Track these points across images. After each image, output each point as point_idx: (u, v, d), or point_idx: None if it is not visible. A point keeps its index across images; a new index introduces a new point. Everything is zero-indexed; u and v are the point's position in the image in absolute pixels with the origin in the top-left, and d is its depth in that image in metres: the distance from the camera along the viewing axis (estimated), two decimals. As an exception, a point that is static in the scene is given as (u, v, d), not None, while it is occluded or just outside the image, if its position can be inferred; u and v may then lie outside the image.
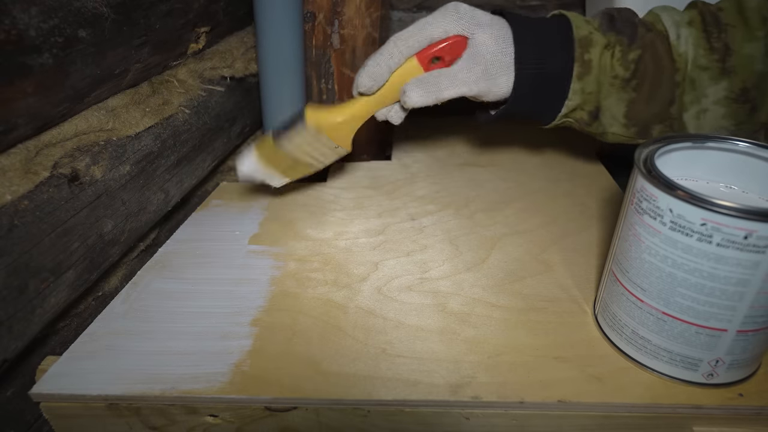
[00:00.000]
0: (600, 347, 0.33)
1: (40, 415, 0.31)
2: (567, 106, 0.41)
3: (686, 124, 0.42)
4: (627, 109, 0.41)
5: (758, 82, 0.39)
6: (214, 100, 0.56)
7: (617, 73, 0.40)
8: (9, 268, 0.30)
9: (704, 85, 0.40)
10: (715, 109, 0.40)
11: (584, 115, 0.42)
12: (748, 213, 0.25)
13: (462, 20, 0.38)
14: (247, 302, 0.37)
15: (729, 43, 0.39)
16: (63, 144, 0.36)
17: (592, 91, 0.40)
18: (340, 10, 0.58)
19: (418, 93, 0.38)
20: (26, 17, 0.30)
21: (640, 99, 0.41)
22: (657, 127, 0.42)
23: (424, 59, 0.36)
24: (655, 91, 0.41)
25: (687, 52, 0.40)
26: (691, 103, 0.41)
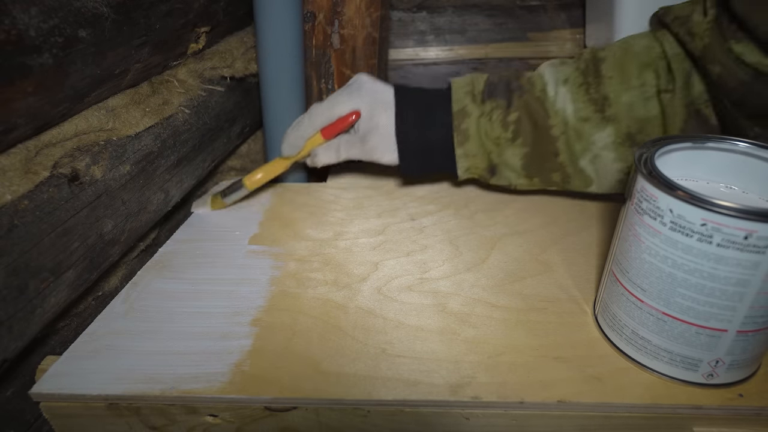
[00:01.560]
0: (600, 347, 0.33)
1: (40, 414, 0.31)
2: (459, 167, 0.47)
3: (584, 170, 0.45)
4: (523, 162, 0.45)
5: (642, 127, 0.42)
6: (214, 100, 0.56)
7: (499, 134, 0.45)
8: (9, 268, 0.30)
9: (589, 133, 0.43)
10: (605, 153, 0.43)
11: (481, 172, 0.47)
12: (748, 213, 0.25)
13: (364, 99, 0.45)
14: (247, 302, 0.37)
15: (607, 93, 0.42)
16: (63, 144, 0.36)
17: (476, 153, 0.45)
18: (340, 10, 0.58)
19: (324, 156, 0.48)
20: (26, 17, 0.30)
21: (530, 153, 0.45)
22: (556, 175, 0.46)
23: (328, 135, 0.47)
24: (539, 147, 0.45)
25: (565, 107, 0.43)
26: (583, 151, 0.44)
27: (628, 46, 0.43)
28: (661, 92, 0.41)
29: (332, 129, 0.46)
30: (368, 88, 0.46)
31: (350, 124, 0.46)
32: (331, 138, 0.47)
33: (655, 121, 0.42)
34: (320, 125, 0.46)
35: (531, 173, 0.46)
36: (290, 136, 0.47)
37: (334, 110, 0.46)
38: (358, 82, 0.47)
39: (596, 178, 0.45)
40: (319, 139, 0.47)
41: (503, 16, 0.83)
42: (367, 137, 0.46)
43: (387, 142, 0.46)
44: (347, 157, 0.48)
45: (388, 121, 0.45)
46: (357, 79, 0.47)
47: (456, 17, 0.83)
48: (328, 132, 0.46)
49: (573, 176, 0.45)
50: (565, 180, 0.46)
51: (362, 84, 0.46)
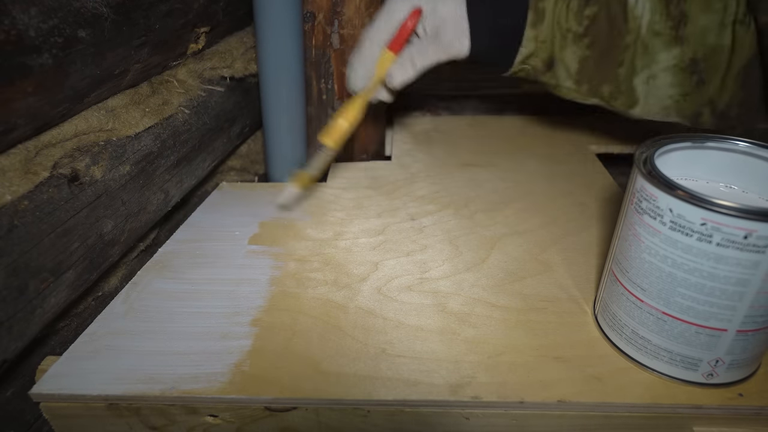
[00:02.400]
0: (600, 347, 0.33)
1: (40, 415, 0.31)
2: (521, 53, 0.43)
3: (635, 89, 0.42)
4: (579, 66, 0.43)
5: (708, 55, 0.40)
6: (214, 100, 0.56)
7: (571, 26, 0.41)
8: (9, 268, 0.30)
9: (656, 50, 0.41)
10: (664, 76, 0.41)
11: (539, 63, 0.44)
12: (748, 213, 0.25)
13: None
14: (247, 302, 0.37)
15: (686, 11, 0.40)
16: (63, 144, 0.36)
17: (545, 39, 0.42)
18: (340, 10, 0.58)
19: (399, 73, 0.43)
20: (26, 17, 0.30)
21: (591, 56, 0.42)
22: (606, 87, 0.43)
23: (397, 47, 0.41)
24: (606, 50, 0.42)
25: (643, 15, 0.40)
26: (642, 67, 0.41)
27: None
28: (737, 23, 0.39)
29: (399, 39, 0.41)
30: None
31: (414, 26, 0.41)
32: (400, 50, 0.42)
33: (724, 52, 0.40)
34: (385, 41, 0.41)
35: (583, 78, 0.43)
36: (357, 66, 0.42)
37: (392, 18, 0.41)
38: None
39: (643, 100, 0.43)
40: (389, 57, 0.42)
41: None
42: (439, 33, 0.42)
43: (460, 33, 0.42)
44: (425, 65, 0.43)
45: (454, 9, 0.41)
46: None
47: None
48: (396, 44, 0.41)
49: (623, 93, 0.43)
50: (613, 95, 0.43)
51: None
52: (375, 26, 0.42)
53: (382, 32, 0.41)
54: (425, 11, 0.41)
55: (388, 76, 0.43)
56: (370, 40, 0.42)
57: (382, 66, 0.42)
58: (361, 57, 0.42)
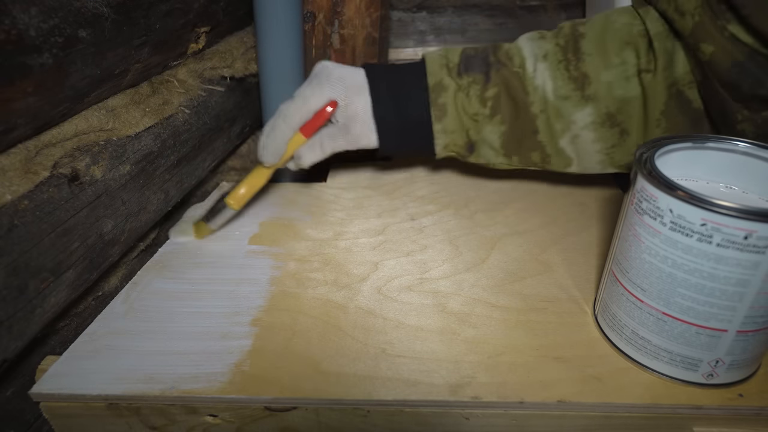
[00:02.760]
0: (600, 347, 0.33)
1: (40, 414, 0.31)
2: (437, 144, 0.45)
3: (563, 150, 0.44)
4: (502, 141, 0.44)
5: (621, 107, 0.41)
6: (214, 100, 0.56)
7: (477, 110, 0.43)
8: (9, 268, 0.30)
9: (569, 112, 0.42)
10: (585, 134, 0.42)
11: (460, 149, 0.46)
12: (748, 213, 0.25)
13: (335, 88, 0.43)
14: (247, 302, 0.37)
15: (587, 71, 0.41)
16: (63, 144, 0.36)
17: (455, 129, 0.44)
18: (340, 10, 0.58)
19: (309, 155, 0.45)
20: (26, 17, 0.30)
21: (508, 131, 0.44)
22: (535, 154, 0.45)
23: (309, 132, 0.44)
24: (517, 123, 0.43)
25: (544, 84, 0.42)
26: (563, 130, 0.43)
27: (609, 23, 0.42)
28: (642, 72, 0.40)
29: (312, 125, 0.43)
30: (336, 75, 0.43)
31: (329, 116, 0.43)
32: (311, 135, 0.44)
33: (635, 102, 0.41)
34: (298, 124, 0.43)
35: (510, 152, 0.45)
36: (269, 143, 0.43)
37: (308, 105, 0.43)
38: (324, 70, 0.44)
39: (576, 158, 0.44)
40: (300, 139, 0.44)
41: (503, 16, 0.83)
42: (349, 126, 0.44)
43: (369, 127, 0.44)
44: (333, 150, 0.45)
45: (366, 105, 0.43)
46: (321, 67, 0.44)
47: (456, 17, 0.83)
48: (308, 129, 0.44)
49: (553, 156, 0.44)
50: (545, 160, 0.45)
51: (330, 72, 0.43)
52: (291, 108, 0.43)
53: (296, 116, 0.43)
54: (340, 104, 0.43)
55: (297, 155, 0.45)
56: (285, 121, 0.43)
57: (292, 146, 0.44)
58: (274, 136, 0.43)
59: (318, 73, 0.44)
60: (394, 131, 0.44)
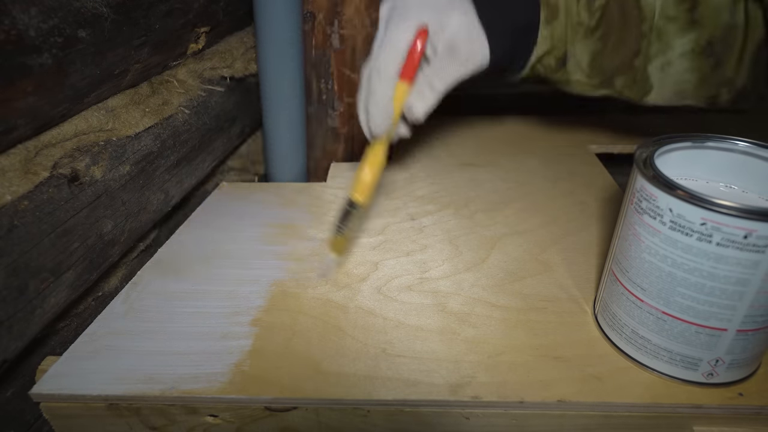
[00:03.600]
0: (600, 347, 0.33)
1: (40, 415, 0.31)
2: (536, 53, 0.41)
3: (650, 76, 0.41)
4: (591, 59, 0.41)
5: (724, 36, 0.39)
6: (214, 100, 0.56)
7: (582, 19, 0.39)
8: (9, 268, 0.30)
9: (671, 36, 0.39)
10: (680, 62, 0.40)
11: (552, 61, 0.41)
12: (748, 213, 0.25)
13: (421, 12, 0.36)
14: (247, 302, 0.37)
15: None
16: (63, 144, 0.36)
17: (560, 35, 0.40)
18: (340, 10, 0.58)
19: (420, 103, 0.39)
20: (26, 17, 0.30)
21: (604, 49, 0.40)
22: (620, 78, 0.41)
23: (410, 75, 0.37)
24: (620, 41, 0.40)
25: (656, 1, 0.39)
26: (656, 54, 0.40)
27: None
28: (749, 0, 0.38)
29: (410, 66, 0.36)
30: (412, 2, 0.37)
31: (424, 48, 0.36)
32: (414, 77, 0.37)
33: (738, 31, 0.39)
34: (395, 72, 0.36)
35: (594, 72, 0.41)
36: (373, 109, 0.37)
37: (398, 45, 0.36)
38: (397, 1, 0.38)
39: (658, 87, 0.41)
40: (404, 89, 0.37)
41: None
42: (454, 47, 0.38)
43: (477, 41, 0.38)
44: (446, 85, 0.39)
45: (464, 17, 0.37)
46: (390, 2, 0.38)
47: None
48: (408, 71, 0.37)
49: (637, 82, 0.41)
50: (626, 85, 0.42)
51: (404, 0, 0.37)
52: (380, 59, 0.37)
53: (389, 64, 0.36)
54: (432, 28, 0.37)
55: (407, 109, 0.39)
56: (379, 76, 0.37)
57: (398, 100, 0.37)
58: (375, 98, 0.37)
59: (392, 8, 0.38)
60: (506, 36, 0.39)
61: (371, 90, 0.37)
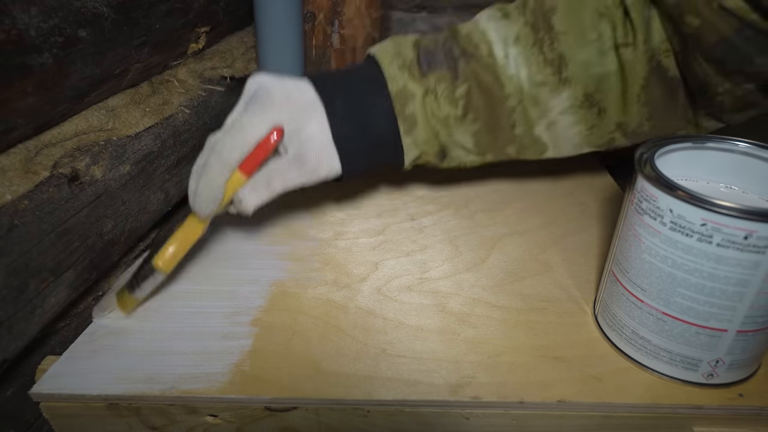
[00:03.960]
0: (600, 347, 0.33)
1: (40, 414, 0.31)
2: (407, 159, 0.40)
3: (539, 138, 0.41)
4: (475, 140, 0.41)
5: (599, 85, 0.39)
6: (214, 100, 0.56)
7: (448, 113, 0.39)
8: (9, 268, 0.30)
9: (546, 99, 0.39)
10: (563, 118, 0.40)
11: (431, 158, 0.41)
12: (748, 213, 0.25)
13: (280, 111, 0.35)
14: (247, 302, 0.37)
15: (563, 52, 0.38)
16: (63, 144, 0.36)
17: (426, 138, 0.39)
18: (340, 10, 0.58)
19: (252, 197, 0.36)
20: (26, 17, 0.30)
21: (482, 129, 0.40)
22: (511, 148, 0.42)
23: (250, 170, 0.35)
24: (493, 121, 0.40)
25: (518, 72, 0.39)
26: (539, 117, 0.40)
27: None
28: (620, 46, 0.37)
29: (253, 161, 0.35)
30: (279, 93, 0.36)
31: (274, 147, 0.35)
32: (254, 172, 0.36)
33: (613, 77, 0.38)
34: (236, 161, 0.34)
35: (484, 149, 0.41)
36: (202, 189, 0.34)
37: (247, 136, 0.34)
38: (262, 88, 0.36)
39: (552, 144, 0.42)
40: (240, 180, 0.35)
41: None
42: (303, 156, 0.36)
43: (329, 154, 0.37)
44: (284, 188, 0.37)
45: (322, 127, 0.37)
46: (257, 83, 0.37)
47: (456, 17, 0.83)
48: (250, 166, 0.35)
49: (528, 146, 0.42)
50: (520, 151, 0.42)
51: (269, 89, 0.36)
52: (226, 143, 0.34)
53: (233, 151, 0.34)
54: (288, 130, 0.35)
55: (238, 200, 0.36)
56: (219, 160, 0.34)
57: (231, 188, 0.35)
58: (207, 179, 0.34)
59: (255, 92, 0.36)
60: (359, 153, 0.38)
61: (207, 169, 0.35)
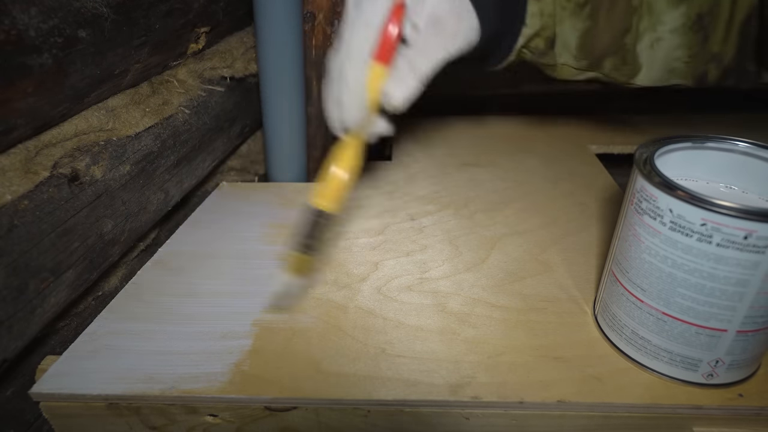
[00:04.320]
0: (600, 347, 0.33)
1: (40, 414, 0.31)
2: (525, 34, 0.36)
3: (639, 56, 0.38)
4: (580, 40, 0.37)
5: (713, 7, 0.37)
6: (214, 100, 0.56)
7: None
8: (9, 268, 0.30)
9: (662, 10, 0.37)
10: (671, 38, 0.37)
11: (541, 43, 0.37)
12: (748, 213, 0.25)
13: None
14: (247, 302, 0.37)
15: None
16: (63, 144, 0.36)
17: (550, 12, 0.36)
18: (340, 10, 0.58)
19: (399, 88, 0.32)
20: (26, 17, 0.30)
21: (594, 27, 0.37)
22: (608, 60, 0.39)
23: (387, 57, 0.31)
24: (610, 17, 0.37)
25: None
26: (646, 30, 0.37)
27: None
28: None
29: (386, 45, 0.31)
30: None
31: (401, 21, 0.31)
32: (391, 58, 0.31)
33: (726, 3, 0.36)
34: (369, 53, 0.31)
35: (582, 54, 0.38)
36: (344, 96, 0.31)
37: (371, 21, 0.31)
38: None
39: (647, 66, 0.39)
40: (380, 72, 0.31)
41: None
42: (439, 22, 0.32)
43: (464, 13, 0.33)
44: (431, 66, 0.32)
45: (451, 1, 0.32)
46: None
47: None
48: (384, 52, 0.31)
49: (626, 63, 0.38)
50: (615, 67, 0.39)
51: None
52: (351, 39, 0.31)
53: (362, 44, 0.31)
54: (410, 2, 0.32)
55: (385, 96, 0.32)
56: (350, 59, 0.31)
57: (373, 86, 0.31)
58: (345, 84, 0.31)
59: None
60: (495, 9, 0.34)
61: (342, 72, 0.32)
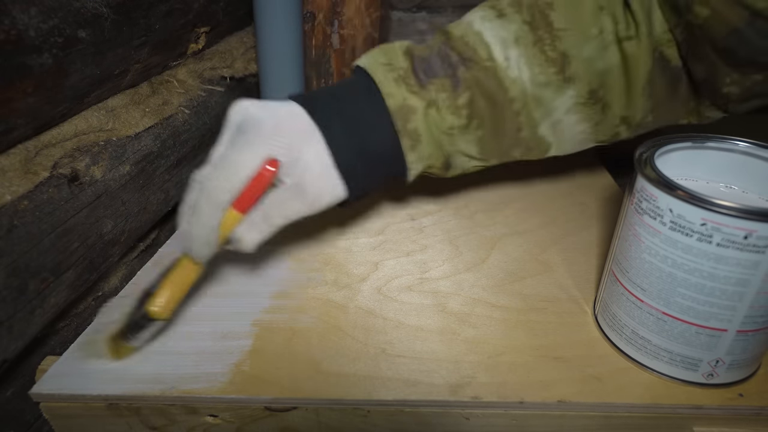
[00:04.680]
0: (600, 347, 0.33)
1: (40, 415, 0.31)
2: (411, 174, 0.38)
3: (544, 137, 0.40)
4: (479, 148, 0.39)
5: (603, 80, 0.37)
6: (214, 100, 0.56)
7: (452, 123, 0.37)
8: (9, 268, 0.30)
9: (550, 99, 0.38)
10: (568, 117, 0.39)
11: (436, 170, 0.39)
12: (748, 213, 0.25)
13: (273, 141, 0.32)
14: (246, 302, 0.37)
15: (565, 50, 0.36)
16: (63, 144, 0.36)
17: (431, 152, 0.37)
18: (340, 10, 0.58)
19: (250, 235, 0.34)
20: (26, 17, 0.30)
21: (486, 135, 0.38)
22: (515, 150, 0.40)
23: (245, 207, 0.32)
24: (498, 127, 0.38)
25: (521, 75, 0.37)
26: (543, 118, 0.38)
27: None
28: (623, 40, 0.36)
29: (248, 198, 0.32)
30: (269, 121, 0.33)
31: (270, 180, 0.32)
32: (249, 209, 0.33)
33: (616, 71, 0.37)
34: (228, 201, 0.32)
35: (488, 155, 0.40)
36: (195, 232, 0.32)
37: (239, 173, 0.32)
38: (248, 116, 0.33)
39: (555, 142, 0.40)
40: (235, 217, 0.32)
41: (503, 16, 0.83)
42: (303, 185, 0.34)
43: (331, 180, 0.34)
44: (285, 221, 0.34)
45: (318, 153, 0.34)
46: (241, 113, 0.34)
47: (456, 17, 0.83)
48: (245, 203, 0.32)
49: (533, 147, 0.40)
50: (525, 153, 0.40)
51: (258, 120, 0.33)
52: (214, 182, 0.32)
53: (224, 191, 0.31)
54: (284, 162, 0.33)
55: (235, 240, 0.34)
56: (209, 202, 0.31)
57: (226, 227, 0.32)
58: (198, 222, 0.32)
59: (241, 123, 0.34)
60: (363, 175, 0.36)
61: (197, 211, 0.32)
